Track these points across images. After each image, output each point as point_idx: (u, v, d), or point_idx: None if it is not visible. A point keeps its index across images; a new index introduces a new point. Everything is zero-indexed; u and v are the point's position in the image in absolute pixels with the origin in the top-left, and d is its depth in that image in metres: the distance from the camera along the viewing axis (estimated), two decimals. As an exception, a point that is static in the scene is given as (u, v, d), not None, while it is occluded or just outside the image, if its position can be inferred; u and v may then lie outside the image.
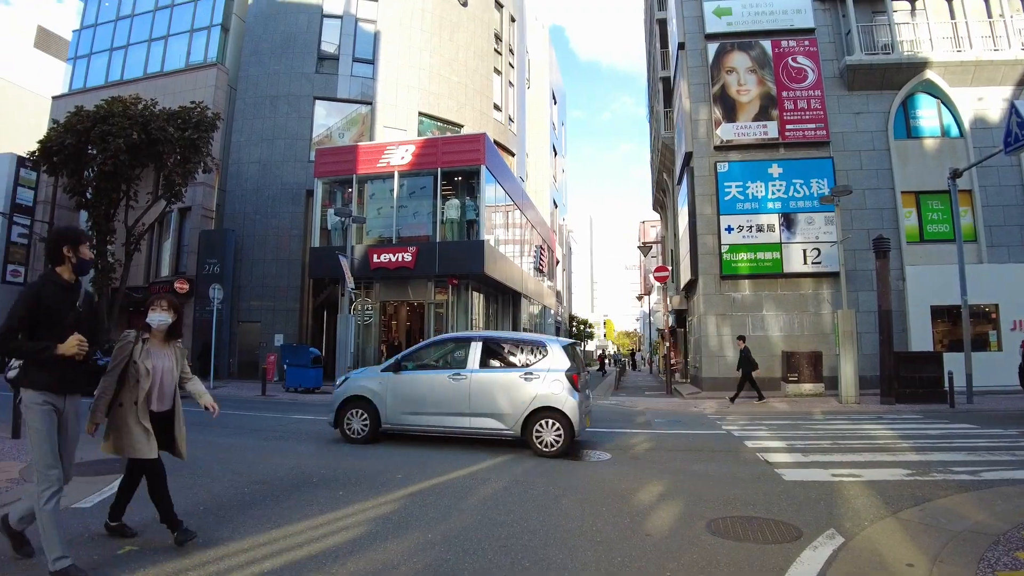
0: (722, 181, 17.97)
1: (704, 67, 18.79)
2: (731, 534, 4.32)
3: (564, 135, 54.47)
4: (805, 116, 17.92)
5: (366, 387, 8.58)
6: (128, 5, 30.49)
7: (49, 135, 21.90)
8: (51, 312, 3.46)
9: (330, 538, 4.19)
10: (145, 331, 4.01)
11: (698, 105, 18.67)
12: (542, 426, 7.57)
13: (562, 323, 47.60)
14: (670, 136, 23.90)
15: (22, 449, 7.18)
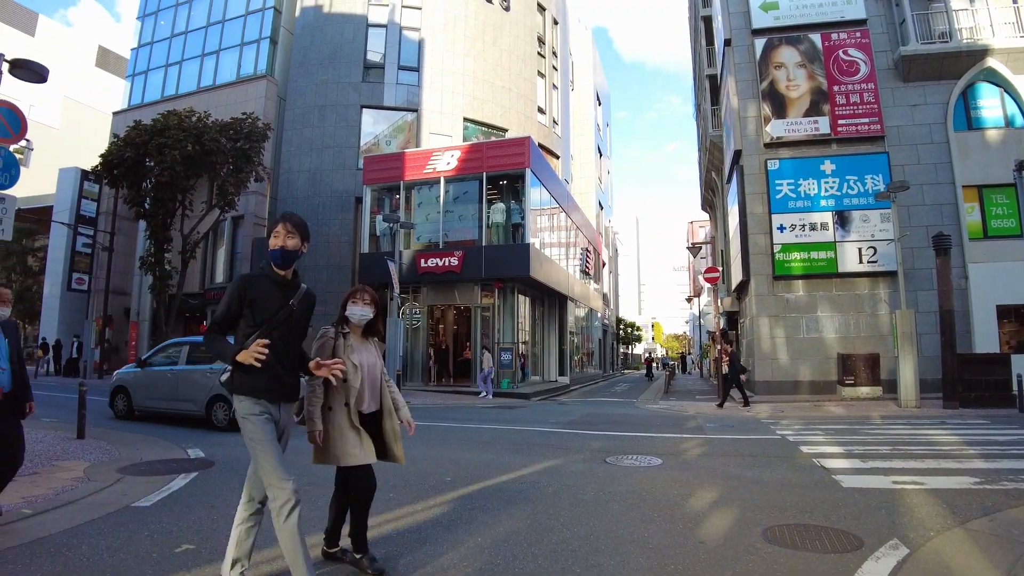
0: (773, 179, 17.91)
1: (751, 63, 18.77)
2: (788, 542, 4.22)
3: (609, 136, 54.50)
4: (858, 110, 17.72)
5: (125, 379, 11.78)
6: (182, 22, 32.13)
7: (110, 149, 23.39)
8: (261, 309, 3.18)
9: (381, 540, 4.26)
10: (343, 326, 3.73)
11: (746, 102, 18.66)
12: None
13: (609, 326, 47.58)
14: (718, 134, 23.86)
15: (87, 449, 7.70)
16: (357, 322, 3.74)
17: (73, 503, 5.10)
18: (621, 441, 9.24)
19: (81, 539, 4.17)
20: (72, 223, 29.03)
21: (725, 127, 22.35)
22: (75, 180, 29.92)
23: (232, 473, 6.42)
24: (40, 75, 8.88)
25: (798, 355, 17.50)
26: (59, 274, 29.83)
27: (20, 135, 8.52)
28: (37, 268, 33.91)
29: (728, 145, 21.33)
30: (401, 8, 27.49)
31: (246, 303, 3.15)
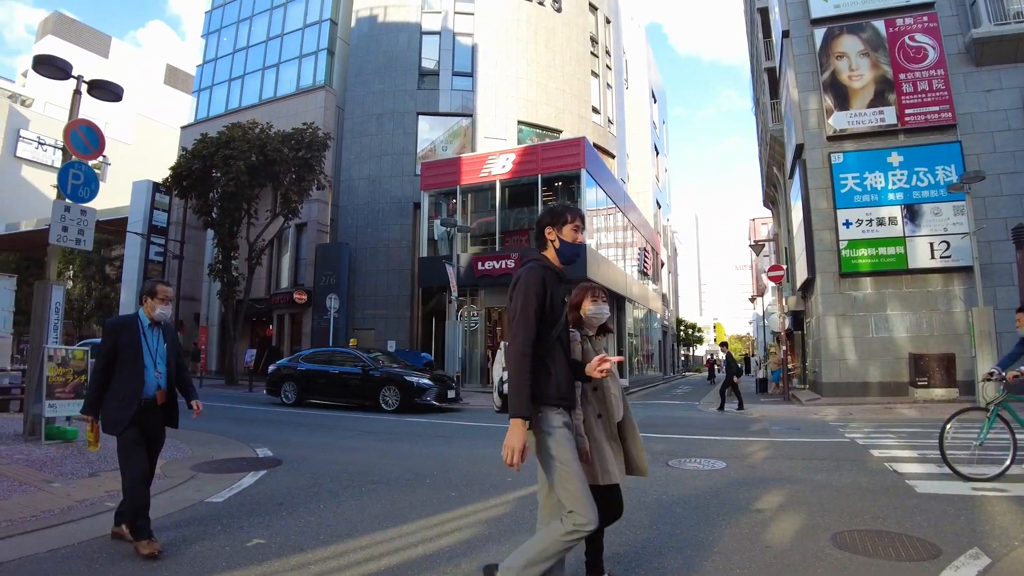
0: (837, 173, 17.65)
1: (811, 54, 18.55)
2: (859, 549, 4.10)
3: (665, 134, 54.14)
4: (927, 98, 17.28)
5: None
6: (243, 38, 33.88)
7: (179, 162, 24.96)
8: (558, 307, 2.90)
9: (443, 538, 4.37)
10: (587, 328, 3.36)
11: (807, 94, 18.46)
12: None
13: (668, 327, 47.22)
14: (779, 128, 23.57)
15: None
16: (597, 321, 3.37)
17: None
18: (683, 444, 9.19)
19: (160, 531, 4.40)
20: (145, 233, 30.96)
21: (786, 121, 22.09)
22: (147, 192, 31.85)
23: (298, 472, 6.77)
24: (116, 95, 9.76)
25: (867, 355, 17.17)
26: (134, 282, 31.77)
27: (99, 151, 9.36)
28: (114, 276, 36.18)
29: (789, 140, 21.08)
30: (454, 15, 28.25)
31: (547, 301, 2.82)
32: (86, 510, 4.95)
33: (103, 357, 4.08)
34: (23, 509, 4.86)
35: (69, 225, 8.68)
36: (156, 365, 4.14)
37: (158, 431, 4.26)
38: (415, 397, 13.58)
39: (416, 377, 14.06)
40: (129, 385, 4.03)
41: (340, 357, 15.43)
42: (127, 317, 4.25)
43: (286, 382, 15.27)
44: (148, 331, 4.18)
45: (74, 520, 4.66)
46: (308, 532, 4.53)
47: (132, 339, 4.09)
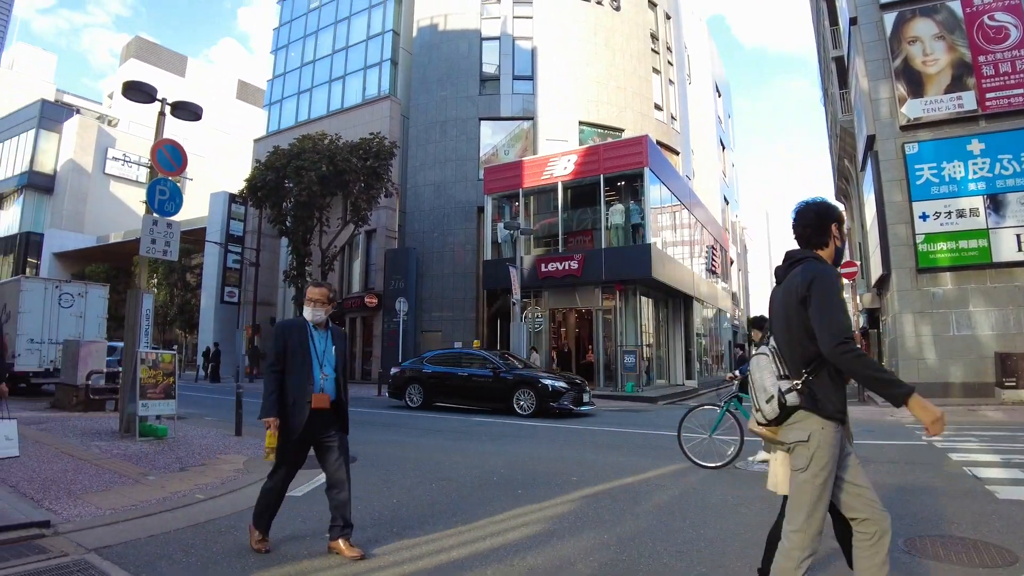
0: (912, 164, 17.17)
1: (881, 41, 18.08)
2: (932, 554, 4.03)
3: (731, 128, 53.21)
4: (1010, 81, 16.58)
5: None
6: (310, 52, 35.51)
7: (253, 174, 26.47)
8: None
9: (510, 533, 4.54)
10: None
11: (877, 83, 18.02)
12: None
13: (739, 327, 46.36)
14: (848, 119, 23.00)
15: (245, 445, 8.61)
16: None
17: (236, 491, 5.89)
18: (752, 445, 8.90)
19: (244, 521, 4.64)
20: (223, 242, 32.90)
21: (856, 112, 21.56)
22: (224, 203, 33.80)
23: (372, 468, 7.21)
24: (196, 115, 10.69)
25: (947, 355, 16.60)
26: (213, 288, 33.79)
27: (182, 168, 10.24)
28: (195, 283, 38.54)
29: (860, 131, 20.58)
30: (513, 19, 28.81)
31: None
32: (178, 501, 5.43)
33: (276, 360, 4.07)
34: (124, 499, 5.41)
35: (157, 237, 9.43)
36: (323, 367, 4.09)
37: (330, 438, 4.14)
38: (550, 401, 13.27)
39: (551, 380, 13.77)
40: (299, 390, 4.00)
41: (468, 359, 15.36)
42: (296, 319, 4.29)
43: (411, 385, 15.28)
44: (315, 333, 4.15)
45: (168, 510, 5.15)
46: (383, 524, 4.85)
47: (301, 341, 4.07)
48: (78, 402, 12.41)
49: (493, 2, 29.36)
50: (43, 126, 47.42)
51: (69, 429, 9.68)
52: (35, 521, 4.48)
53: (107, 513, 4.95)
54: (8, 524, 4.35)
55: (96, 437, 8.92)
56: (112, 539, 4.33)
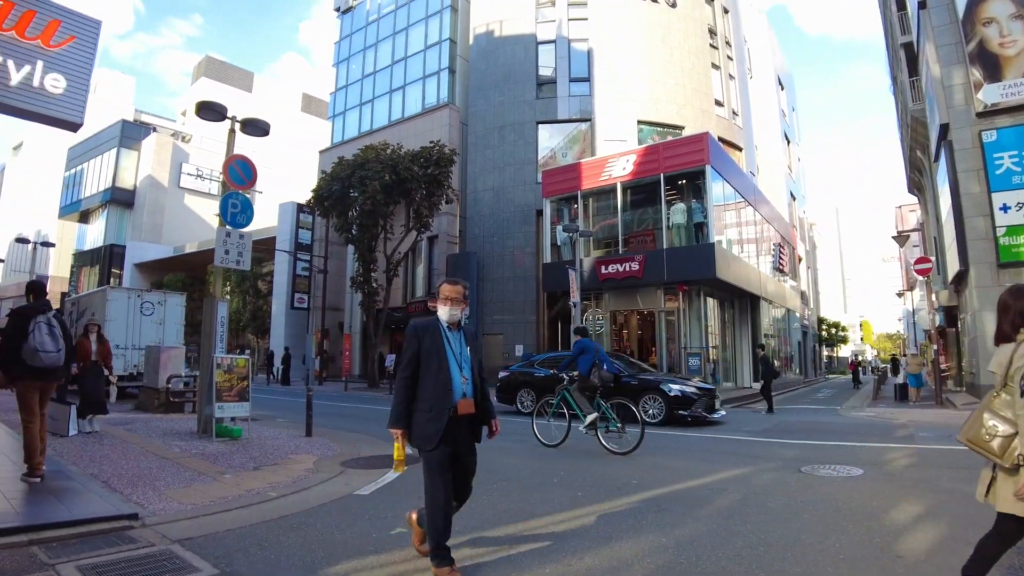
0: (990, 152, 16.47)
1: (953, 24, 17.41)
2: (1005, 563, 3.89)
3: (796, 121, 51.83)
4: (1097, 63, 15.75)
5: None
6: (370, 64, 36.66)
7: (319, 184, 27.56)
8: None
9: (568, 534, 4.67)
10: None
11: (950, 69, 17.37)
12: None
13: (809, 327, 45.13)
14: (920, 108, 22.19)
15: (315, 446, 9.03)
16: None
17: (307, 490, 6.22)
18: (818, 450, 9.06)
19: (315, 519, 5.07)
20: (292, 250, 34.28)
21: (927, 99, 20.80)
22: (292, 213, 35.21)
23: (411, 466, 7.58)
24: (264, 131, 11.33)
25: (1034, 352, 15.83)
26: (283, 295, 35.23)
27: (253, 182, 10.86)
28: (266, 290, 40.21)
29: (932, 119, 19.86)
30: (568, 22, 29.04)
31: None
32: (253, 498, 5.79)
33: (408, 364, 3.82)
34: (203, 495, 5.83)
35: (230, 248, 10.08)
36: (461, 370, 3.83)
37: (466, 447, 3.91)
38: (678, 408, 12.37)
39: (680, 385, 12.84)
40: (437, 394, 3.74)
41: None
42: (429, 320, 3.99)
43: (522, 389, 14.59)
44: (449, 334, 3.90)
45: (243, 506, 5.51)
46: None
47: (435, 343, 3.81)
48: (159, 404, 13.26)
49: (548, 6, 29.67)
50: (123, 144, 50.54)
51: (152, 429, 10.37)
52: (125, 514, 4.94)
53: (188, 508, 5.38)
54: (102, 516, 4.85)
55: (176, 437, 9.54)
56: (193, 532, 4.69)
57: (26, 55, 6.23)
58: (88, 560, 4.01)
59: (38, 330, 5.90)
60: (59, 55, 6.47)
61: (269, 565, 4.04)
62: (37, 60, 6.28)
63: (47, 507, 5.14)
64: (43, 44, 6.32)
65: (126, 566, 3.94)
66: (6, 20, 6.10)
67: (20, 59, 6.19)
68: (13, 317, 6.04)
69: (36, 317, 5.97)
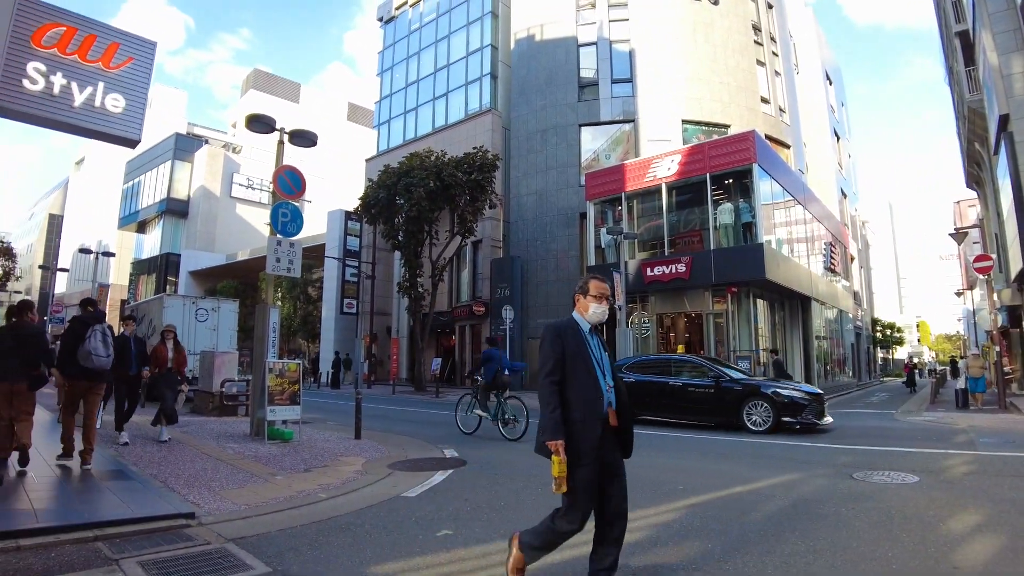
0: (1055, 144, 15.82)
1: (1011, 10, 16.73)
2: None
3: (846, 116, 50.54)
4: None
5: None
6: (413, 72, 37.28)
7: (366, 192, 28.12)
8: None
9: None
10: None
11: (1008, 57, 16.69)
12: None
13: (863, 328, 43.88)
14: (977, 99, 21.38)
15: (363, 448, 9.25)
16: None
17: (355, 491, 6.37)
18: (872, 456, 8.82)
19: (363, 519, 5.21)
20: (341, 257, 35.05)
21: (985, 90, 20.05)
22: (340, 220, 36.00)
23: (481, 472, 7.46)
24: (312, 141, 11.65)
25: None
26: (333, 300, 36.01)
27: (302, 192, 11.19)
28: (316, 296, 41.16)
29: (991, 110, 19.14)
30: (608, 23, 28.97)
31: None
32: (304, 499, 5.96)
33: (556, 368, 3.39)
34: (256, 496, 6.05)
35: (281, 256, 10.41)
36: (604, 377, 3.46)
37: (614, 461, 3.46)
38: (787, 415, 11.44)
39: (788, 389, 11.94)
40: (586, 403, 3.36)
41: (678, 365, 13.57)
42: (566, 320, 3.57)
43: None
44: (589, 337, 3.52)
45: (295, 507, 5.67)
46: (491, 526, 5.04)
47: (579, 346, 3.44)
48: (213, 407, 13.73)
49: (588, 8, 29.66)
50: (177, 157, 52.54)
51: (206, 432, 10.75)
52: (183, 512, 5.20)
53: (242, 508, 5.59)
54: (161, 514, 5.13)
55: (230, 439, 9.86)
56: (247, 531, 4.87)
57: (88, 77, 6.56)
58: (149, 556, 4.23)
59: (93, 336, 6.71)
60: (118, 76, 6.78)
61: (319, 565, 4.15)
62: (99, 81, 6.61)
63: (110, 505, 5.46)
64: (104, 66, 6.66)
65: (184, 563, 4.13)
66: (69, 45, 6.44)
67: (83, 81, 6.52)
68: (74, 324, 6.87)
69: (94, 326, 6.80)
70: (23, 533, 4.48)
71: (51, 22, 6.35)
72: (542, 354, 3.45)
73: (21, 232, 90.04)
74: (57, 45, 6.32)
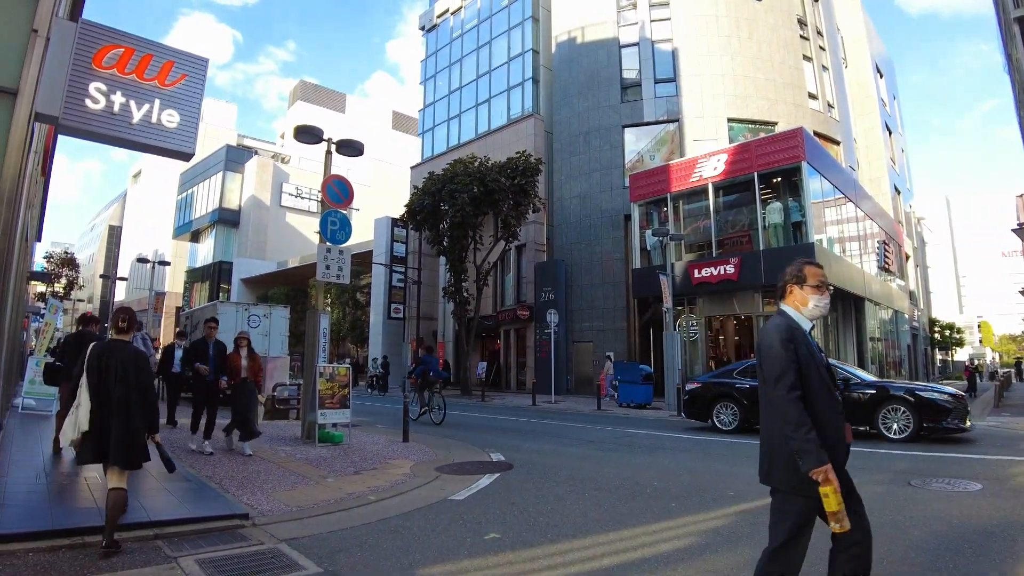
0: None
1: (1081, -3, 15.91)
2: None
3: (898, 109, 48.81)
4: None
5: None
6: (456, 79, 37.53)
7: (411, 199, 28.39)
8: None
9: (661, 545, 4.59)
10: None
11: (1079, 46, 15.85)
12: None
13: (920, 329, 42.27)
14: (1043, 88, 20.37)
15: (411, 451, 9.40)
16: None
17: (404, 494, 6.46)
18: (931, 462, 8.43)
19: (412, 522, 5.29)
20: (388, 263, 35.41)
21: (1054, 80, 19.08)
22: (387, 227, 36.42)
23: (528, 477, 7.45)
24: (358, 151, 11.76)
25: None
26: (380, 306, 36.44)
27: (349, 201, 11.31)
28: (364, 301, 41.80)
29: (1061, 101, 18.20)
30: (650, 23, 28.60)
31: None
32: (354, 501, 6.04)
33: (799, 380, 2.79)
34: (307, 498, 6.14)
35: (331, 263, 10.60)
36: (834, 389, 2.92)
37: (848, 486, 2.93)
38: (929, 420, 10.35)
39: (930, 392, 10.84)
40: (830, 419, 2.84)
41: None
42: (786, 322, 2.93)
43: (719, 403, 12.46)
44: (811, 341, 2.95)
45: (345, 509, 5.76)
46: (537, 530, 5.04)
47: (809, 351, 2.86)
48: (266, 411, 13.92)
49: (629, 8, 29.34)
50: (228, 168, 54.10)
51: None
52: (237, 513, 5.34)
53: (294, 509, 5.68)
54: (217, 515, 5.30)
55: (282, 442, 10.01)
56: (299, 532, 4.97)
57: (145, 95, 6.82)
58: (206, 555, 4.33)
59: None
60: (173, 93, 7.03)
61: (369, 566, 4.19)
62: (155, 99, 6.86)
63: (169, 505, 5.66)
64: (159, 84, 6.90)
65: (238, 562, 4.22)
66: (128, 65, 6.70)
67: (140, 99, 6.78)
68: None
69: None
70: (88, 531, 4.64)
71: (110, 44, 6.60)
72: (775, 362, 2.80)
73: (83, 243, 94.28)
74: (116, 66, 6.55)
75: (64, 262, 46.84)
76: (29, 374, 13.27)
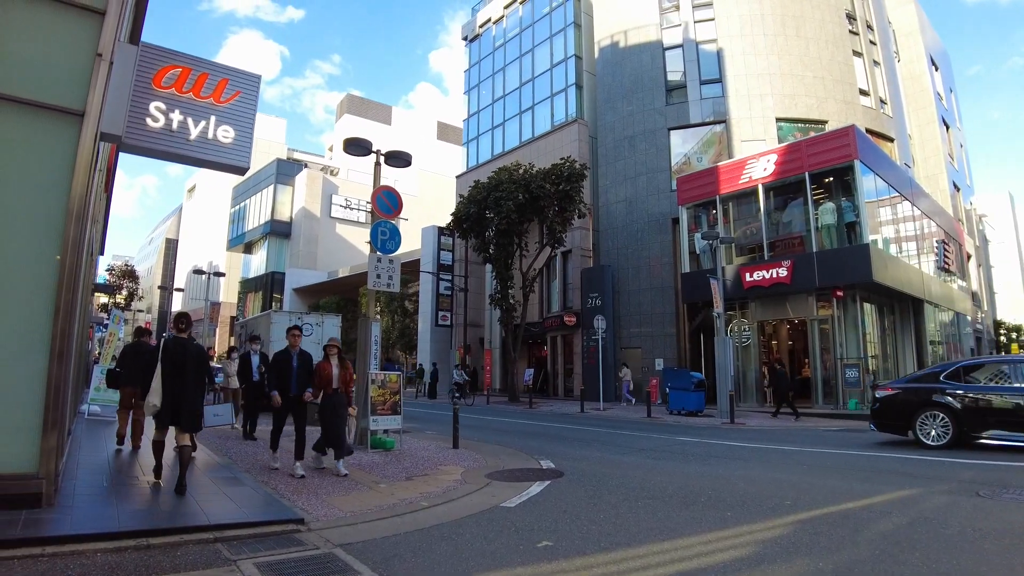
0: None
1: None
2: None
3: (955, 103, 46.89)
4: None
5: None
6: (499, 88, 37.71)
7: (457, 208, 28.56)
8: None
9: (717, 554, 4.51)
10: None
11: None
12: None
13: (983, 331, 40.39)
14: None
15: (462, 457, 9.40)
16: None
17: (455, 500, 6.45)
18: (1000, 471, 8.04)
19: (464, 529, 5.28)
20: (435, 271, 35.71)
21: None
22: (434, 236, 36.74)
23: (578, 484, 7.36)
24: (406, 162, 11.93)
25: None
26: (428, 313, 36.74)
27: (399, 211, 11.47)
28: (412, 309, 42.25)
29: None
30: (694, 24, 28.15)
31: None
32: (406, 507, 6.07)
33: None
34: (360, 503, 6.21)
35: (381, 272, 10.72)
36: None
37: None
38: None
39: None
40: None
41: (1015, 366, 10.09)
42: None
43: (924, 412, 10.43)
44: None
45: (398, 515, 5.79)
46: (590, 538, 4.97)
47: None
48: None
49: (672, 10, 28.93)
50: (279, 181, 55.46)
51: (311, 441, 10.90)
52: (293, 518, 5.43)
53: (348, 515, 5.74)
54: (275, 519, 5.40)
55: (335, 448, 10.18)
56: (353, 537, 5.01)
57: (202, 112, 7.07)
58: (263, 558, 4.40)
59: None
60: (228, 109, 7.23)
61: (423, 572, 4.20)
62: (211, 115, 7.08)
63: (227, 509, 5.75)
64: (215, 101, 7.10)
65: (295, 566, 4.27)
66: (185, 84, 6.94)
67: (197, 116, 7.02)
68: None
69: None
70: (151, 532, 4.81)
71: (169, 64, 6.85)
72: None
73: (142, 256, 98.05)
74: (175, 85, 6.78)
75: (125, 274, 48.78)
76: (94, 382, 13.95)
